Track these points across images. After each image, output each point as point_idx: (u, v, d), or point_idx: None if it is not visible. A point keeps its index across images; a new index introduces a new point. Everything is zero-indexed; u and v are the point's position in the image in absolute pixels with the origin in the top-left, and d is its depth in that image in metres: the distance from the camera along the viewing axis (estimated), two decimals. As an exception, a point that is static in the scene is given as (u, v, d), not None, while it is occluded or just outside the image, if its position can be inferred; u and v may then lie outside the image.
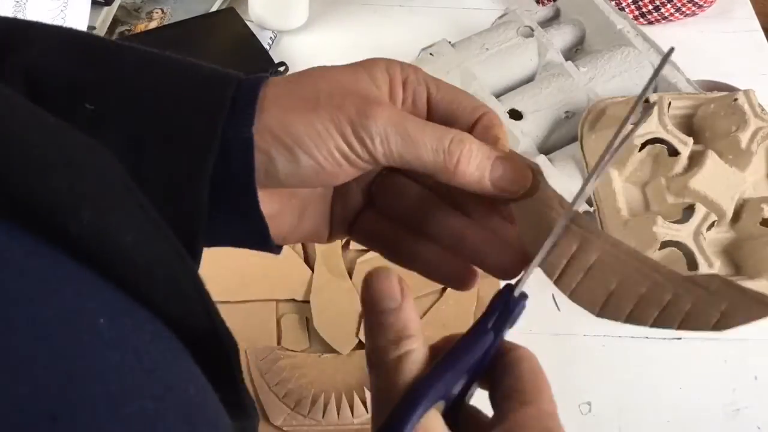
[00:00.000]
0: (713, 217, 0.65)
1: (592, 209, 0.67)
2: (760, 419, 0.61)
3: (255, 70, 0.29)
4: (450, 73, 0.75)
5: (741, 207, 0.69)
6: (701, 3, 0.89)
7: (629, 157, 0.67)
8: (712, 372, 0.64)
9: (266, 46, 0.83)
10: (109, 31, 0.83)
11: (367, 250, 0.59)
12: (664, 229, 0.63)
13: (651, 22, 0.90)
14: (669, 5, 0.89)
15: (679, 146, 0.68)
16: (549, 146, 0.74)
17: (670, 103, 0.70)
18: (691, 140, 0.68)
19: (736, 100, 0.70)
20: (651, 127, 0.68)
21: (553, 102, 0.74)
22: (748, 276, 0.65)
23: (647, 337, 0.65)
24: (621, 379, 0.63)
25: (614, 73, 0.77)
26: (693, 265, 0.62)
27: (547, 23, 0.85)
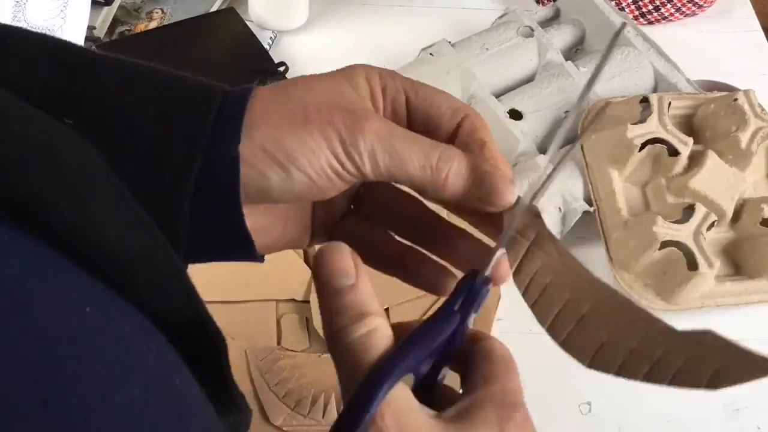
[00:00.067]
0: (713, 217, 0.65)
1: (592, 209, 0.67)
2: (760, 419, 0.61)
3: (255, 70, 0.29)
4: (450, 73, 0.75)
5: (741, 207, 0.69)
6: (701, 3, 0.89)
7: (629, 157, 0.67)
8: (712, 372, 0.64)
9: (266, 46, 0.83)
10: (109, 31, 0.83)
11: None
12: (664, 229, 0.63)
13: (651, 22, 0.90)
14: (669, 5, 0.89)
15: (679, 146, 0.68)
16: (549, 146, 0.74)
17: (670, 103, 0.70)
18: (691, 140, 0.68)
19: (736, 100, 0.70)
20: (651, 127, 0.68)
21: (553, 102, 0.74)
22: (748, 276, 0.65)
23: (647, 337, 0.65)
24: (621, 379, 0.63)
25: (614, 73, 0.77)
26: (693, 265, 0.62)
27: (547, 23, 0.85)
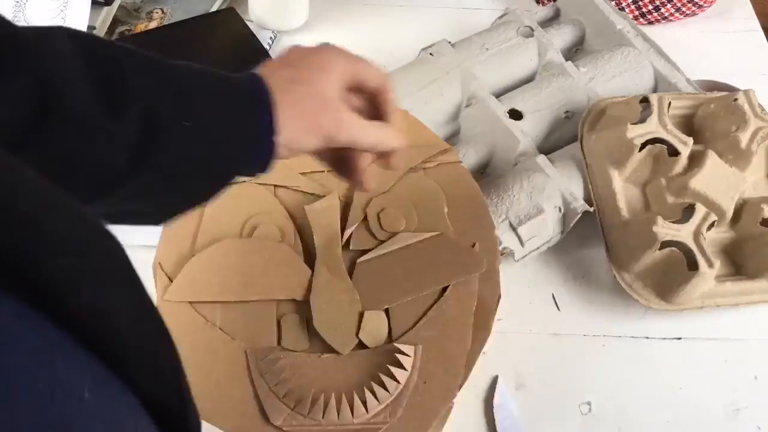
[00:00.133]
0: (713, 217, 0.65)
1: (592, 209, 0.67)
2: (760, 419, 0.61)
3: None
4: (450, 73, 0.75)
5: (741, 207, 0.69)
6: (701, 3, 0.89)
7: (629, 157, 0.67)
8: (712, 372, 0.64)
9: (266, 46, 0.83)
10: (109, 31, 0.83)
11: (368, 250, 0.60)
12: (664, 229, 0.63)
13: (651, 22, 0.90)
14: (669, 5, 0.89)
15: (679, 146, 0.68)
16: (549, 146, 0.74)
17: (670, 103, 0.70)
18: (691, 140, 0.68)
19: (736, 100, 0.70)
20: (651, 127, 0.68)
21: (553, 102, 0.74)
22: (748, 276, 0.65)
23: (647, 337, 0.65)
24: (621, 379, 0.63)
25: (614, 73, 0.77)
26: (693, 265, 0.62)
27: (547, 23, 0.85)
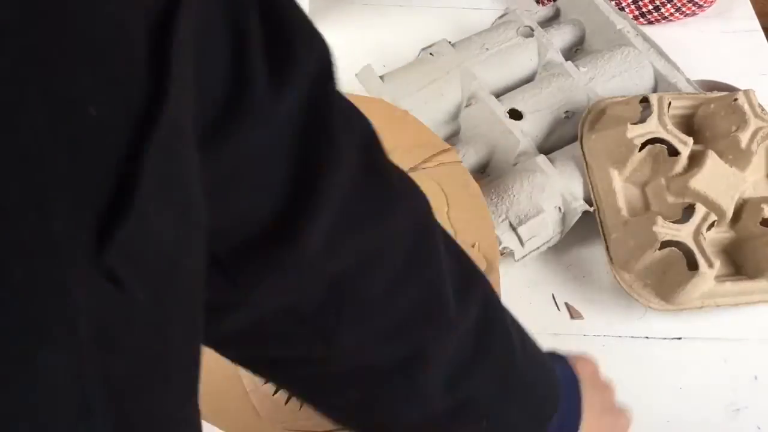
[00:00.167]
0: (713, 217, 0.65)
1: (592, 209, 0.67)
2: (760, 419, 0.61)
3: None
4: (450, 73, 0.75)
5: (741, 207, 0.69)
6: (701, 3, 0.89)
7: (629, 157, 0.67)
8: (712, 372, 0.64)
9: (266, 46, 0.83)
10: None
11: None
12: (664, 229, 0.63)
13: (651, 22, 0.90)
14: (669, 5, 0.89)
15: (679, 146, 0.68)
16: (549, 146, 0.74)
17: (670, 103, 0.70)
18: (691, 140, 0.68)
19: (736, 100, 0.70)
20: (651, 127, 0.68)
21: (553, 102, 0.74)
22: (748, 276, 0.65)
23: (647, 337, 0.65)
24: (621, 379, 0.63)
25: (614, 73, 0.77)
26: (693, 265, 0.62)
27: (547, 23, 0.85)
